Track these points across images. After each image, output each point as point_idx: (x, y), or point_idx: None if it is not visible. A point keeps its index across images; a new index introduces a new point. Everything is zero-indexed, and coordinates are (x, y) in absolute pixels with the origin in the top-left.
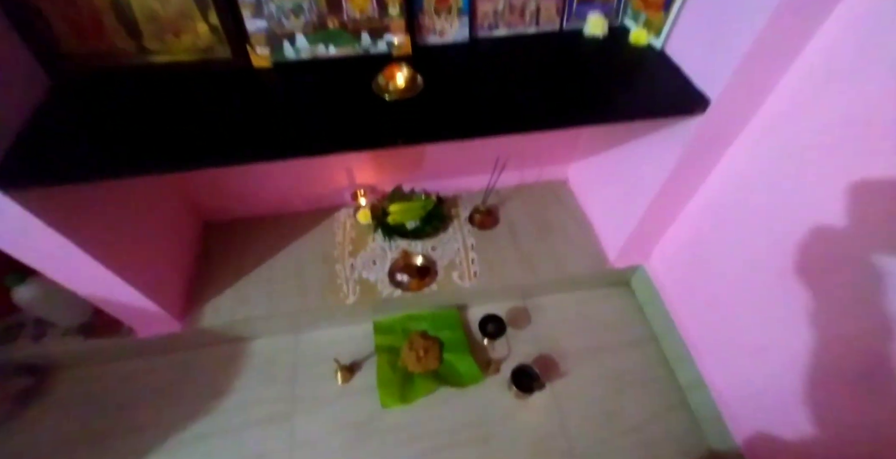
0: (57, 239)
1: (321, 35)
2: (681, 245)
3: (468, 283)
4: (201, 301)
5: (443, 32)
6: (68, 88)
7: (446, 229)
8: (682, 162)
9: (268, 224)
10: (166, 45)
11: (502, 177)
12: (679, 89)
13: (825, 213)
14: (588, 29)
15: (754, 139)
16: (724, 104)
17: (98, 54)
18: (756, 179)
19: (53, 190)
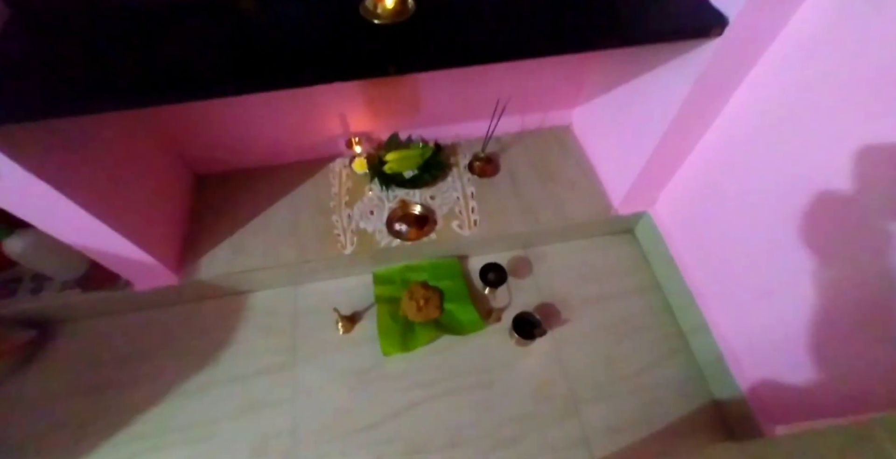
0: (40, 186)
1: None
2: (688, 189)
3: (468, 232)
4: (197, 253)
5: None
6: (30, 19)
7: (445, 178)
8: (693, 95)
9: (261, 175)
10: None
11: (503, 123)
12: (694, 8)
13: (840, 158)
14: None
15: (773, 69)
16: (743, 25)
17: None
18: (771, 116)
19: (21, 129)
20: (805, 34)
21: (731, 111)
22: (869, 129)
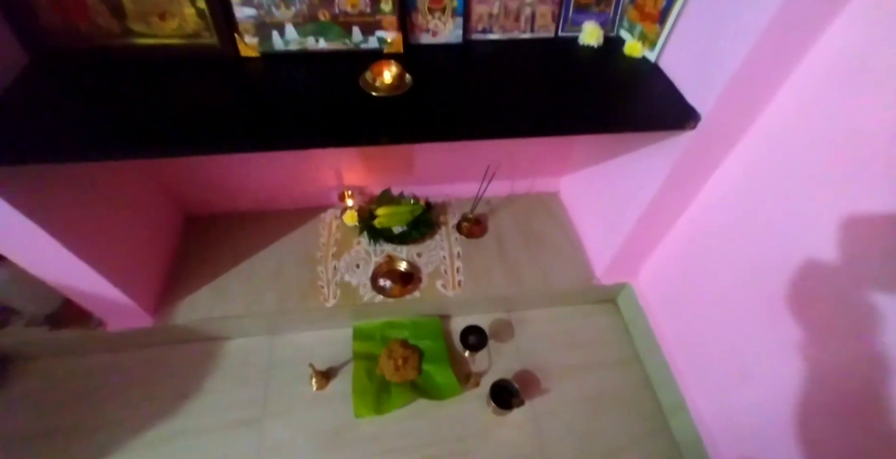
0: (24, 223)
1: (311, 27)
2: (668, 264)
3: (452, 292)
4: (177, 296)
5: (436, 32)
6: (46, 65)
7: (433, 236)
8: (672, 177)
9: (252, 220)
10: (151, 27)
11: (493, 186)
12: (671, 103)
13: (817, 238)
14: (583, 38)
15: (746, 157)
16: (715, 120)
17: (79, 32)
18: (747, 199)
19: (19, 170)
20: (773, 126)
21: (710, 192)
22: (843, 210)
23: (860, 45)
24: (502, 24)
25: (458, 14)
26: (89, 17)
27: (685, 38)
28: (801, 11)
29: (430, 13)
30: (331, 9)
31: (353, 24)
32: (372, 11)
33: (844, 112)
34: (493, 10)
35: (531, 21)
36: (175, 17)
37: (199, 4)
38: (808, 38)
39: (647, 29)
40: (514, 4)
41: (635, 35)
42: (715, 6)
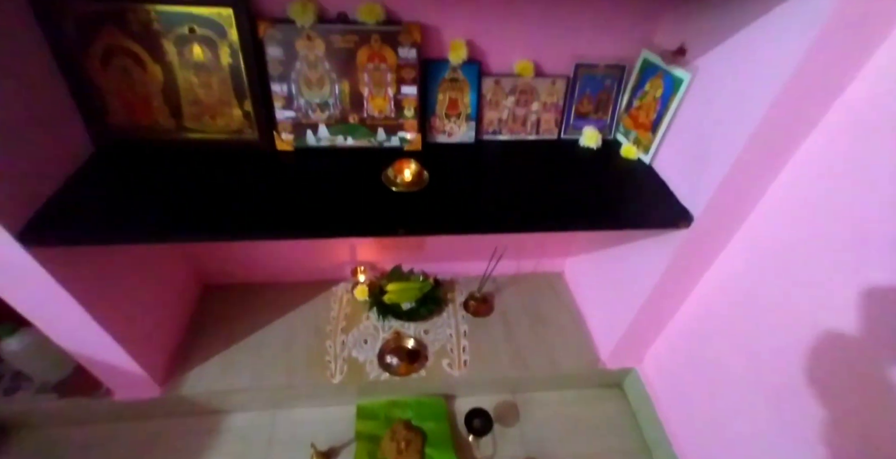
0: (62, 294)
1: (342, 128)
2: (673, 351)
3: (458, 372)
4: (186, 366)
5: (451, 133)
6: (108, 155)
7: (440, 313)
8: (670, 269)
9: (266, 291)
10: (203, 125)
11: (499, 265)
12: (665, 203)
13: (823, 319)
14: (583, 140)
15: (744, 245)
16: (708, 221)
17: (141, 128)
18: (748, 285)
19: (71, 249)
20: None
21: (711, 279)
22: (846, 289)
23: (841, 152)
24: (510, 127)
25: (471, 119)
26: (152, 116)
27: (676, 146)
28: (780, 128)
29: (447, 118)
30: (360, 113)
31: (379, 125)
32: (396, 116)
33: (834, 206)
34: (502, 116)
35: (536, 125)
36: (224, 117)
37: (246, 107)
38: (792, 143)
39: (641, 135)
40: (522, 112)
41: (630, 139)
42: (702, 121)
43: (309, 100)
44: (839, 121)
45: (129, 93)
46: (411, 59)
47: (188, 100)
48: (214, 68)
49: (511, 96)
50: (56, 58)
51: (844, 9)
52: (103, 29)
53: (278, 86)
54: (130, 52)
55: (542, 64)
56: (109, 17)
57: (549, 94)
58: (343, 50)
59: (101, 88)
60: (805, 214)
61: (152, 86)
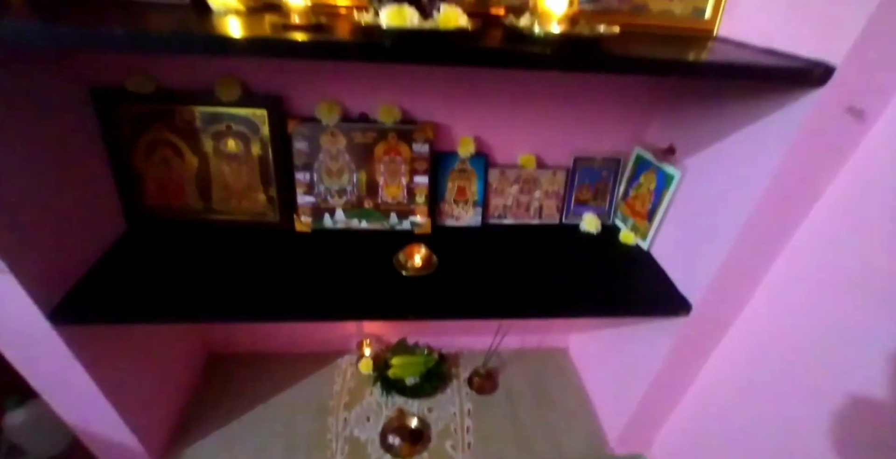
0: (77, 369)
1: (357, 212)
2: (684, 436)
3: (461, 455)
4: (184, 442)
5: (459, 218)
6: (139, 233)
7: (444, 390)
8: (672, 354)
9: (272, 361)
10: (229, 207)
11: (504, 339)
12: (663, 291)
13: (834, 397)
14: (584, 225)
15: (743, 335)
16: (706, 310)
17: (172, 209)
18: (750, 375)
19: (95, 326)
20: (763, 307)
21: (717, 362)
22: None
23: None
24: (515, 212)
25: (478, 204)
26: (184, 198)
27: (672, 236)
28: (769, 223)
29: (455, 203)
30: (375, 199)
31: (392, 210)
32: (408, 202)
33: (826, 296)
34: (507, 202)
35: (539, 211)
36: (249, 200)
37: (270, 193)
38: (780, 240)
39: (638, 223)
40: (525, 199)
41: (628, 226)
42: (694, 215)
43: (329, 187)
44: (828, 211)
45: (165, 178)
46: (424, 153)
47: (218, 185)
48: (245, 159)
49: (515, 185)
50: (108, 150)
51: (817, 119)
52: (152, 126)
53: (301, 175)
54: (172, 145)
55: (544, 157)
56: (159, 116)
57: (551, 184)
58: (362, 144)
59: (142, 174)
60: (800, 301)
61: (187, 173)
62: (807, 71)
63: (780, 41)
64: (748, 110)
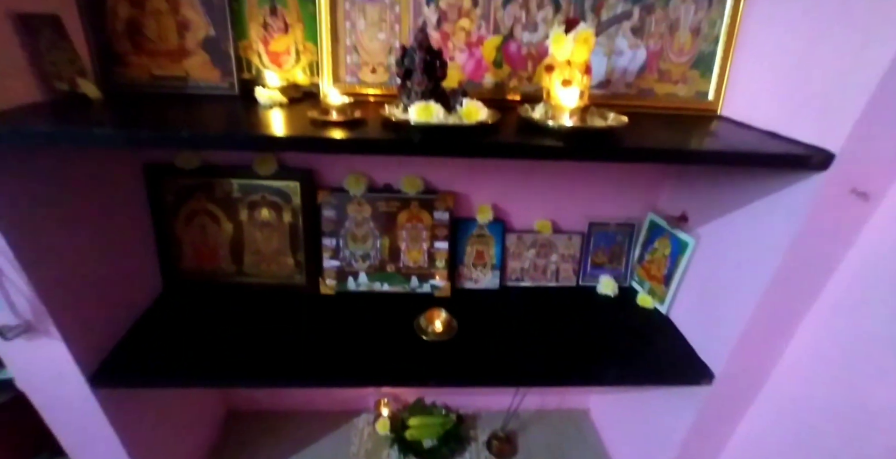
0: (107, 430)
1: (380, 275)
2: None
3: None
4: None
5: (478, 280)
6: (175, 295)
7: (463, 453)
8: (698, 424)
9: (289, 420)
10: (259, 270)
11: (524, 399)
12: (684, 358)
13: None
14: (601, 288)
15: (770, 405)
16: (730, 377)
17: (206, 272)
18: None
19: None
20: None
21: (744, 434)
22: None
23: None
24: (532, 275)
25: (496, 267)
26: (217, 262)
27: (690, 301)
28: (789, 292)
29: (474, 266)
30: (397, 263)
31: (413, 274)
32: (428, 266)
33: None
34: (524, 265)
35: (556, 274)
36: (277, 264)
37: (298, 257)
38: (801, 308)
39: (655, 287)
40: (542, 262)
41: (645, 289)
42: (711, 281)
43: (353, 252)
44: (847, 280)
45: (201, 244)
46: (444, 220)
47: (250, 250)
48: (277, 226)
49: (532, 249)
50: (152, 218)
51: (822, 199)
52: (194, 196)
53: (328, 241)
54: (210, 213)
55: (559, 222)
56: (201, 188)
57: (567, 247)
58: (386, 213)
59: (181, 240)
60: (826, 369)
61: (222, 238)
62: (807, 158)
63: (781, 126)
64: (756, 186)
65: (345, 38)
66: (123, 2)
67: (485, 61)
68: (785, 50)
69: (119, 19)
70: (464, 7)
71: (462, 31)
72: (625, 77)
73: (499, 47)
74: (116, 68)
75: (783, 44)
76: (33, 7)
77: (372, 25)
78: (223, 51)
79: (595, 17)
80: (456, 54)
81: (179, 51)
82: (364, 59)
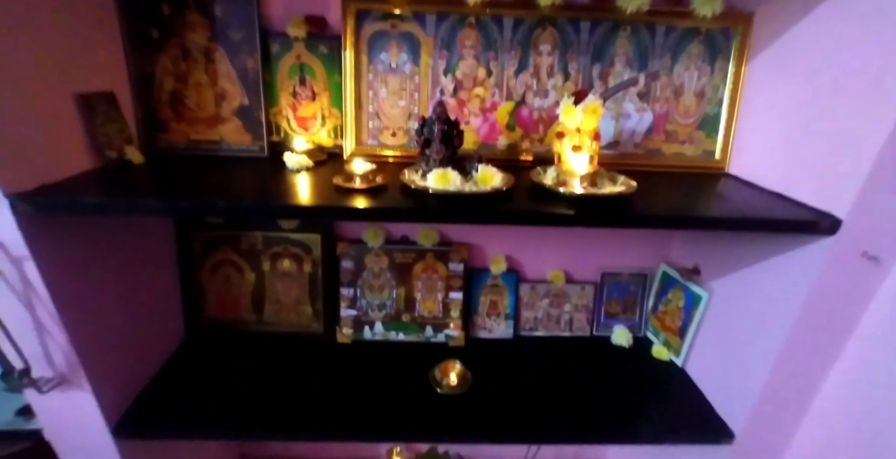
0: None
1: (395, 325)
2: None
3: None
4: None
5: (492, 330)
6: (197, 344)
7: None
8: None
9: None
10: (278, 319)
11: (540, 450)
12: (702, 415)
13: None
14: (615, 338)
15: None
16: (750, 437)
17: (227, 321)
18: None
19: None
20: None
21: None
22: None
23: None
24: (546, 325)
25: (510, 317)
26: (238, 311)
27: (706, 356)
28: (809, 347)
29: (488, 316)
30: (412, 313)
31: (428, 324)
32: (443, 316)
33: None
34: (537, 315)
35: (570, 324)
36: (296, 313)
37: (316, 306)
38: (824, 365)
39: (670, 338)
40: (555, 312)
41: (660, 340)
42: (727, 336)
43: (370, 301)
44: (867, 340)
45: (225, 293)
46: (459, 271)
47: (271, 300)
48: (297, 276)
49: (545, 299)
50: (180, 270)
51: (834, 262)
52: (221, 248)
53: (346, 290)
54: (235, 264)
55: (572, 272)
56: (227, 240)
57: (580, 297)
58: (402, 264)
59: (205, 290)
60: (850, 432)
61: (245, 288)
62: (814, 223)
63: (788, 187)
64: (767, 244)
65: (367, 105)
66: (169, 76)
67: (499, 125)
68: (786, 114)
69: (164, 91)
70: (478, 77)
71: (477, 97)
72: (633, 138)
73: (512, 112)
74: (158, 133)
75: (785, 108)
76: (93, 86)
77: (393, 94)
78: (255, 117)
79: (602, 84)
80: (471, 119)
81: (215, 118)
82: (385, 124)
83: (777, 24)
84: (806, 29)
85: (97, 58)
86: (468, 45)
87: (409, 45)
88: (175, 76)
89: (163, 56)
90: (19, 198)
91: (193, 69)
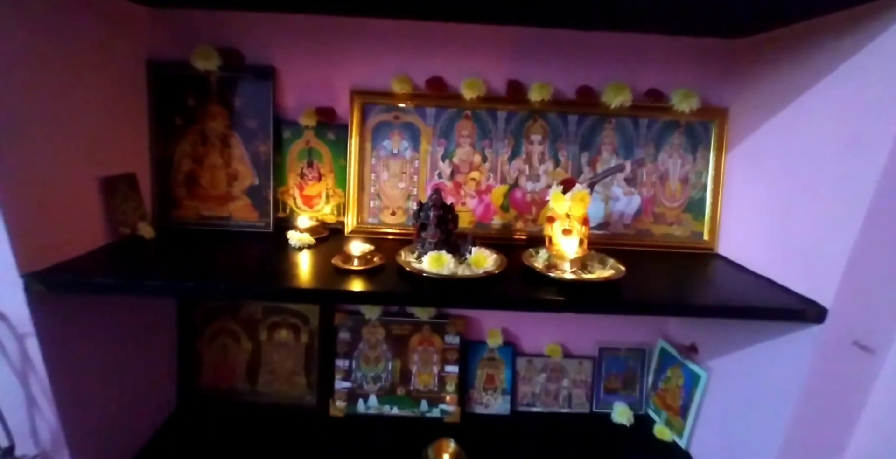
0: None
1: (389, 398)
2: None
3: None
4: None
5: (488, 405)
6: (188, 414)
7: None
8: None
9: None
10: (272, 390)
11: None
12: None
13: None
14: (615, 416)
15: None
16: None
17: (221, 390)
18: None
19: None
20: None
21: None
22: None
23: None
24: (544, 400)
25: (507, 392)
26: (233, 381)
27: (710, 436)
28: (814, 432)
29: (485, 391)
30: (407, 386)
31: (423, 398)
32: (438, 390)
33: None
34: (535, 390)
35: (568, 399)
36: (290, 384)
37: (311, 378)
38: (833, 446)
39: (672, 418)
40: (553, 387)
41: (662, 420)
42: (729, 417)
43: (365, 373)
44: (877, 422)
45: (220, 362)
46: (455, 344)
47: (266, 369)
48: (293, 347)
49: (543, 373)
50: (179, 338)
51: (826, 349)
52: (219, 317)
53: (341, 362)
54: (232, 333)
55: (569, 346)
56: (227, 310)
57: (578, 372)
58: (399, 335)
59: (201, 359)
60: None
61: (241, 357)
62: (801, 312)
63: (775, 273)
64: (760, 329)
65: (369, 186)
66: (187, 158)
67: (493, 206)
68: (766, 203)
69: (181, 172)
70: (474, 162)
71: (473, 181)
72: (623, 219)
73: (506, 194)
74: (171, 210)
75: (765, 197)
76: (116, 169)
77: (394, 176)
78: (263, 196)
79: (591, 170)
80: (467, 200)
81: (226, 196)
82: (385, 204)
83: (749, 119)
84: (776, 125)
85: (123, 144)
86: (465, 134)
87: (410, 134)
88: (192, 158)
89: (183, 141)
90: (32, 278)
91: (210, 152)
